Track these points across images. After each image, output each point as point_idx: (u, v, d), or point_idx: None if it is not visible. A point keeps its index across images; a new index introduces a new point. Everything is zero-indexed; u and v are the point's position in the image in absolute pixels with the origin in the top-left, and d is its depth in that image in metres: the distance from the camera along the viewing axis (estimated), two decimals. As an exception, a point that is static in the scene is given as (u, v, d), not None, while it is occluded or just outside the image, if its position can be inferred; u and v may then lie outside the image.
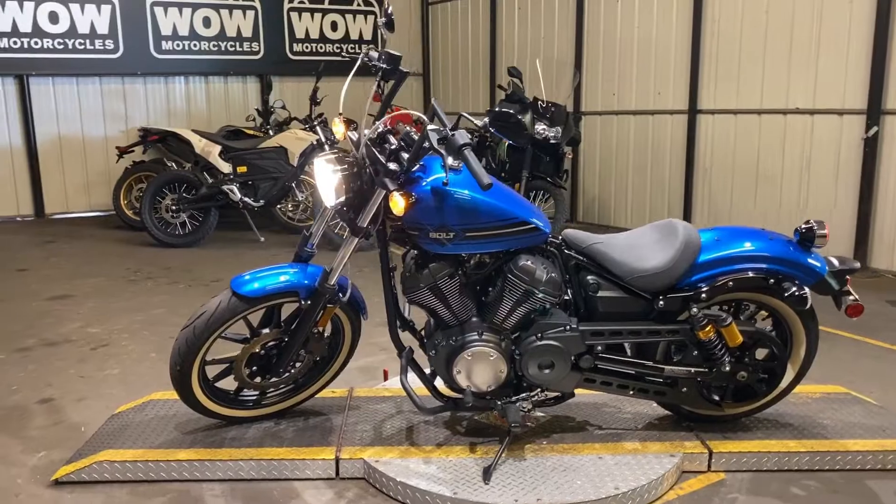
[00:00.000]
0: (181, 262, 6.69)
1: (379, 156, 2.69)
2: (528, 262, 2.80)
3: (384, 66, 2.90)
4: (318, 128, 7.14)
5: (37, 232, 8.18)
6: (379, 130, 2.78)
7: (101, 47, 9.21)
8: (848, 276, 2.99)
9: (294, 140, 7.25)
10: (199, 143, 7.25)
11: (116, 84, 9.49)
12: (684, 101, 7.57)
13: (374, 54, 2.93)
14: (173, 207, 7.22)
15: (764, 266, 2.89)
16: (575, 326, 2.87)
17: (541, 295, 2.81)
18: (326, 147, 7.11)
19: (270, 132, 7.92)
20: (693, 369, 2.99)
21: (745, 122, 7.08)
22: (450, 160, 2.47)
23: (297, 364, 3.11)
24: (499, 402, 2.91)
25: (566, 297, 2.93)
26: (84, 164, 9.36)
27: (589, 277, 2.92)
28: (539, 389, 2.97)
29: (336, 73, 9.64)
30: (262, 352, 3.01)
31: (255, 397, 3.12)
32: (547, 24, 9.18)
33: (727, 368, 2.96)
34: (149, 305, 5.31)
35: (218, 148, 7.24)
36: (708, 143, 7.45)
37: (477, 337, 2.85)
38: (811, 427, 3.18)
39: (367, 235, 2.80)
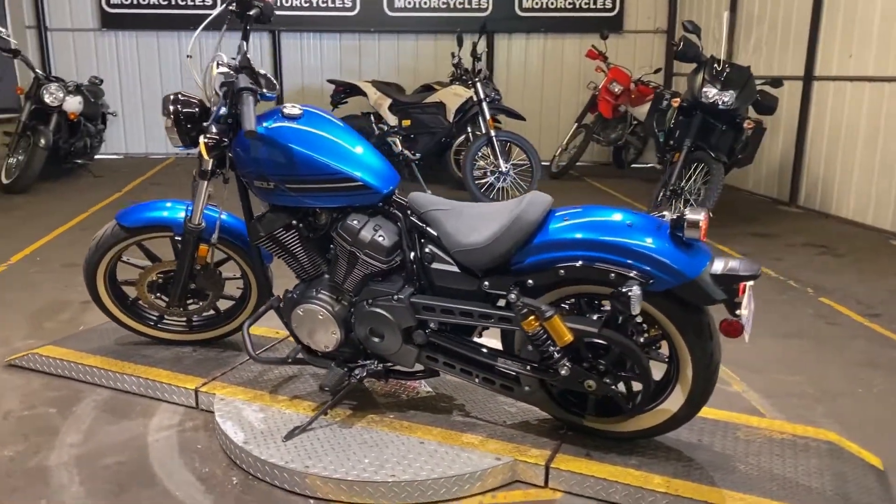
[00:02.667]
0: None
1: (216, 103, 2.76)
2: (354, 222, 2.68)
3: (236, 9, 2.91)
4: (477, 84, 7.14)
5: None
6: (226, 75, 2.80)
7: (341, 5, 10.09)
8: (741, 284, 2.35)
9: (451, 96, 7.36)
10: (373, 96, 7.70)
11: (353, 40, 10.35)
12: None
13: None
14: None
15: (607, 256, 2.40)
16: (403, 297, 2.68)
17: (364, 258, 2.68)
18: (485, 104, 7.11)
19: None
20: (528, 366, 2.61)
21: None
22: (246, 108, 2.48)
23: (201, 301, 3.33)
24: (332, 364, 2.85)
25: (408, 265, 2.72)
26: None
27: (426, 247, 2.69)
28: (379, 359, 2.84)
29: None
30: (160, 279, 3.28)
31: (154, 316, 3.41)
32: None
33: (564, 372, 2.54)
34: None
35: (388, 101, 7.62)
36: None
37: (313, 294, 2.81)
38: (712, 468, 2.60)
39: (204, 177, 2.90)
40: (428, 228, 2.69)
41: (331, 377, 2.80)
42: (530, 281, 2.50)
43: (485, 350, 2.69)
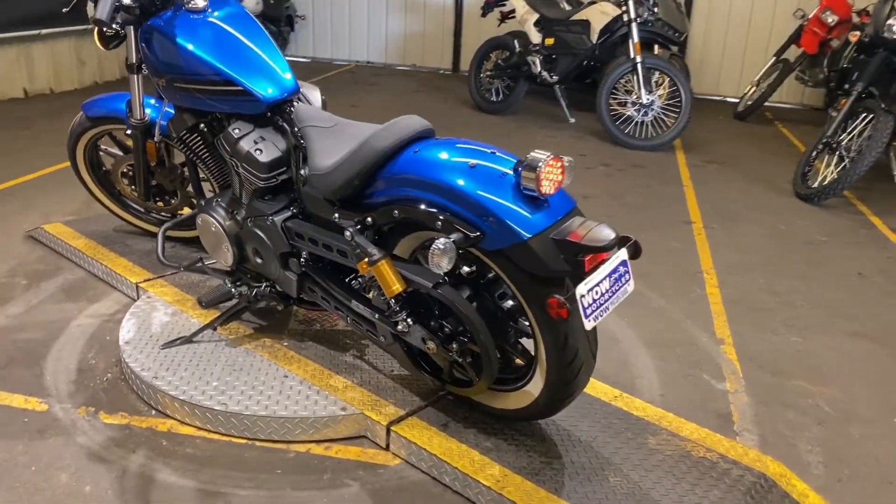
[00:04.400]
0: (480, 127, 6.93)
1: None
2: (235, 132, 2.49)
3: None
4: (630, 2, 6.40)
5: (423, 83, 9.22)
6: None
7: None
8: (587, 256, 1.85)
9: (598, 14, 6.64)
10: (521, 10, 7.21)
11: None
12: None
13: None
14: (488, 72, 7.45)
15: (435, 199, 2.00)
16: (276, 220, 2.47)
17: (243, 171, 2.50)
18: (634, 24, 6.39)
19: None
20: (377, 314, 2.30)
21: None
22: None
23: (168, 197, 3.36)
24: (226, 279, 2.74)
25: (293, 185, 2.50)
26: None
27: (304, 167, 2.44)
28: (269, 283, 2.68)
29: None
30: (130, 172, 3.34)
31: (133, 203, 3.49)
32: None
33: (401, 327, 2.20)
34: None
35: (535, 17, 7.09)
36: None
37: (213, 205, 2.70)
38: (575, 473, 2.17)
39: (132, 70, 2.84)
40: (303, 145, 2.42)
41: (211, 292, 2.69)
42: (370, 219, 2.16)
43: (348, 290, 2.41)
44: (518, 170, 1.87)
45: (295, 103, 2.52)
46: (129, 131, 3.07)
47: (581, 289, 1.84)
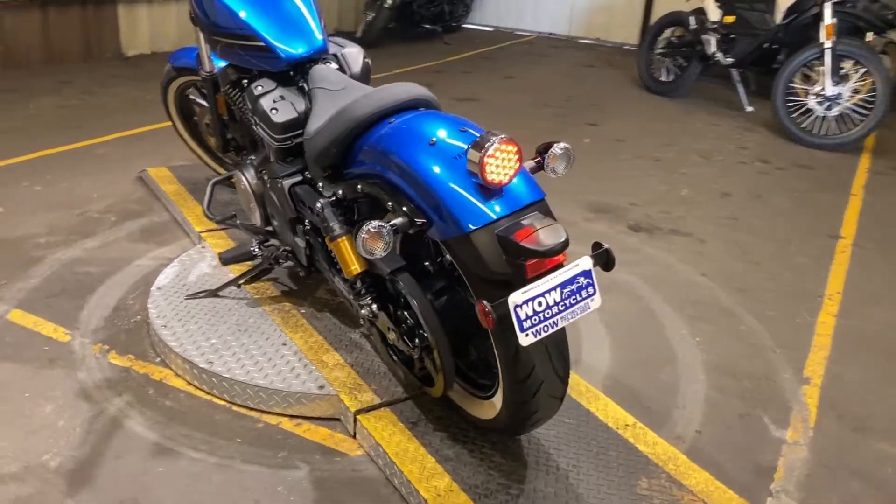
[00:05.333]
0: (638, 108, 6.51)
1: None
2: (256, 88, 2.43)
3: None
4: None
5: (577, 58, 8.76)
6: None
7: None
8: (529, 260, 1.59)
9: (787, -11, 5.88)
10: (701, -16, 6.59)
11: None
12: None
13: None
14: (660, 50, 6.91)
15: (394, 179, 1.81)
16: (283, 184, 2.40)
17: (260, 130, 2.45)
18: (828, 5, 5.63)
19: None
20: (350, 294, 2.15)
21: None
22: None
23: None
24: (254, 240, 2.73)
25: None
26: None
27: None
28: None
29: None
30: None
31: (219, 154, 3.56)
32: None
33: (364, 311, 2.05)
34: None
35: (718, -9, 6.45)
36: None
37: (247, 163, 2.69)
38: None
39: (194, 22, 2.86)
40: (309, 108, 2.30)
41: (233, 249, 2.67)
42: (340, 192, 2.01)
43: (333, 265, 2.28)
44: (465, 152, 1.63)
45: (319, 64, 2.40)
46: (200, 83, 3.12)
47: (516, 297, 1.57)
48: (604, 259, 1.68)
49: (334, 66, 2.47)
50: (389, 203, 1.79)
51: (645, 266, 3.45)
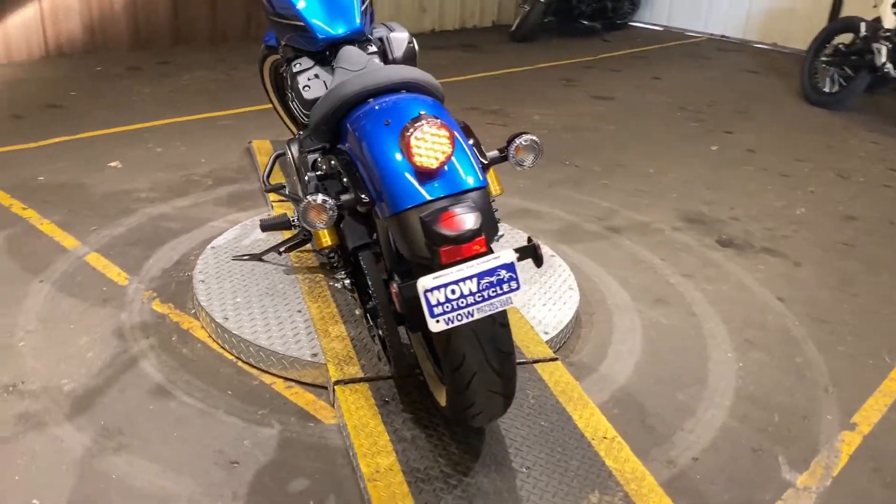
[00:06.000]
0: (787, 120, 6.07)
1: None
2: (296, 65, 2.55)
3: None
4: None
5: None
6: None
7: None
8: (443, 246, 1.59)
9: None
10: (880, -13, 5.97)
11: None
12: None
13: None
14: (826, 58, 6.36)
15: (352, 157, 1.87)
16: (307, 158, 2.51)
17: (294, 105, 2.58)
18: None
19: None
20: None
21: None
22: None
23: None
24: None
25: None
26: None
27: None
28: None
29: None
30: None
31: None
32: None
33: (339, 285, 2.11)
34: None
35: (897, -5, 5.82)
36: None
37: (295, 136, 2.84)
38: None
39: None
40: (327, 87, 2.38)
41: (273, 217, 2.82)
42: (323, 167, 2.07)
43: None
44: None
45: (350, 45, 2.47)
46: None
47: (426, 281, 1.56)
48: (530, 254, 1.61)
49: (373, 48, 2.53)
50: (345, 179, 1.83)
51: (716, 283, 3.23)
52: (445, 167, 1.65)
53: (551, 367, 2.39)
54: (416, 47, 2.68)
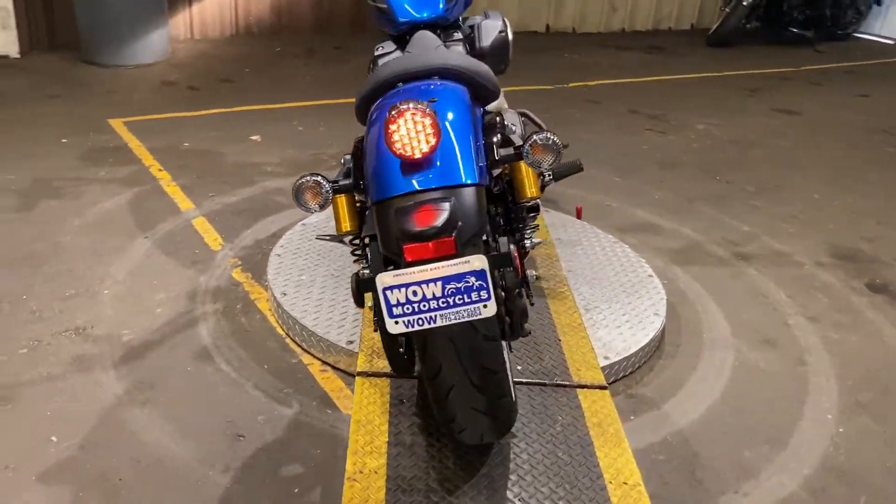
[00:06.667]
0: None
1: None
2: (378, 49, 2.50)
3: None
4: None
5: None
6: None
7: None
8: (408, 243, 1.48)
9: None
10: None
11: None
12: None
13: None
14: None
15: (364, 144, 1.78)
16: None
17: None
18: None
19: None
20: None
21: None
22: None
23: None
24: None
25: None
26: None
27: None
28: None
29: None
30: None
31: None
32: None
33: (360, 274, 2.03)
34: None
35: None
36: None
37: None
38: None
39: None
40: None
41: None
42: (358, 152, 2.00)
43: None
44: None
45: (425, 30, 2.38)
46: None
47: (385, 278, 1.44)
48: (506, 263, 1.44)
49: (458, 35, 2.43)
50: (350, 165, 1.75)
51: (846, 332, 2.78)
52: (436, 160, 1.51)
53: (595, 395, 2.16)
54: (510, 36, 2.53)
